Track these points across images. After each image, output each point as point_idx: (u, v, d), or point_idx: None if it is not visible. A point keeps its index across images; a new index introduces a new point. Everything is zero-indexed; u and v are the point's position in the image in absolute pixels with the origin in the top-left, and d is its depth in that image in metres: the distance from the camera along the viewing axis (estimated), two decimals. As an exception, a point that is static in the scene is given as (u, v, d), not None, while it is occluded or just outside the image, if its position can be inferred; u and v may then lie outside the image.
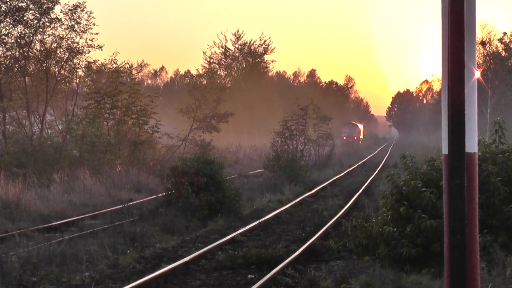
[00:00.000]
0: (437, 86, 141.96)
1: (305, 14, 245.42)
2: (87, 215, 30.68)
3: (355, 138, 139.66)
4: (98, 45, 49.71)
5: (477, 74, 4.11)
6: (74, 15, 48.27)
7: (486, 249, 16.09)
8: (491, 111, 53.05)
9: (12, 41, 47.44)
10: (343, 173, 57.35)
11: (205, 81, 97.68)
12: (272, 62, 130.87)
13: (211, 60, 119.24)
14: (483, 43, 78.29)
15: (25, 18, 47.30)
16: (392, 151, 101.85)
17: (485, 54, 78.29)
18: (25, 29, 47.52)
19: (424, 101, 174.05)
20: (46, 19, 47.73)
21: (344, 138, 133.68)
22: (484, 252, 15.75)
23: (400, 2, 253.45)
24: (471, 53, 4.11)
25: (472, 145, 4.08)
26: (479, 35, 76.29)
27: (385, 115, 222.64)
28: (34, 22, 47.58)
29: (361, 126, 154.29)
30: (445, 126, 4.10)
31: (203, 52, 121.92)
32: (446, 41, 4.11)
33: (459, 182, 4.04)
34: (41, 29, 47.83)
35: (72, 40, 48.65)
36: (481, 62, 74.76)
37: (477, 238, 4.15)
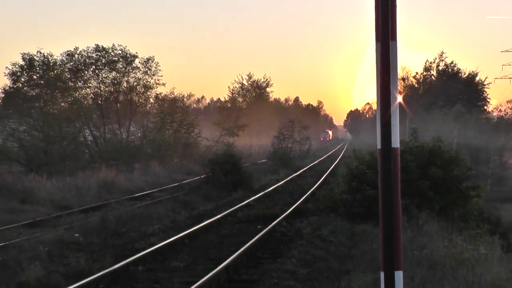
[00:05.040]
0: (374, 106, 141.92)
1: (292, 58, 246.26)
2: (156, 189, 30.82)
3: (328, 139, 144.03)
4: (163, 83, 50.01)
5: (399, 98, 4.11)
6: (147, 64, 48.49)
7: (406, 208, 16.10)
8: (409, 121, 53.01)
9: (109, 81, 47.70)
10: (316, 162, 57.33)
11: (229, 104, 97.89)
12: (271, 92, 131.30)
13: (233, 91, 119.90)
14: (403, 79, 78.30)
15: (116, 67, 47.51)
16: (347, 147, 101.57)
17: (404, 86, 78.23)
18: (117, 74, 47.72)
19: (367, 116, 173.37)
20: (130, 67, 47.93)
21: (322, 139, 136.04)
22: (405, 210, 15.74)
23: (347, 56, 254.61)
24: (394, 85, 4.10)
25: (395, 143, 4.08)
26: (400, 73, 76.73)
27: (343, 124, 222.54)
28: (122, 69, 47.76)
29: (330, 132, 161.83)
30: (379, 131, 4.09)
31: (228, 87, 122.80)
32: (379, 76, 4.11)
33: (388, 166, 4.03)
34: (127, 74, 48.02)
35: (146, 80, 48.86)
36: (402, 90, 74.72)
37: (399, 201, 4.14)
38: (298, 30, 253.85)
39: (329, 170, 41.98)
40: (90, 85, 47.47)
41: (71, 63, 46.49)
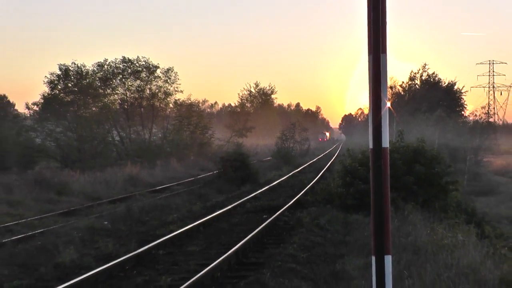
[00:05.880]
0: (366, 111, 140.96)
1: (295, 69, 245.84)
2: (175, 183, 30.84)
3: (325, 140, 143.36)
4: (181, 90, 50.09)
5: (388, 104, 4.10)
6: (167, 74, 48.53)
7: (393, 201, 16.05)
8: (396, 125, 52.90)
9: (134, 89, 47.80)
10: (315, 159, 57.16)
11: (239, 109, 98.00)
12: (275, 98, 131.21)
13: (242, 98, 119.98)
14: (391, 87, 78.17)
15: (141, 76, 47.62)
16: (342, 147, 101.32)
17: (392, 93, 78.05)
18: (141, 82, 47.80)
19: (359, 119, 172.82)
20: (152, 77, 48.02)
21: (320, 140, 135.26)
22: (392, 202, 15.71)
23: (341, 66, 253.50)
24: (384, 93, 4.10)
25: (385, 143, 4.06)
26: (389, 82, 76.59)
27: (338, 127, 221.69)
28: (146, 78, 47.85)
29: (327, 134, 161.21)
30: (371, 133, 4.08)
31: (238, 94, 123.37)
32: (371, 85, 4.11)
33: (379, 163, 4.02)
34: (149, 82, 48.10)
35: (166, 88, 48.91)
36: (390, 97, 74.62)
37: (388, 194, 4.13)
38: (300, 44, 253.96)
39: (326, 167, 41.88)
40: (118, 92, 47.73)
41: (101, 73, 46.69)
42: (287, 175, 34.42)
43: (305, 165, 45.57)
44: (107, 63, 46.68)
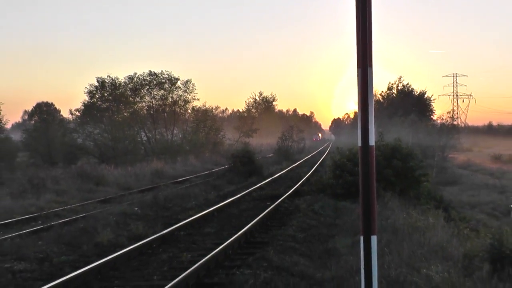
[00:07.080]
0: (351, 115, 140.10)
1: (292, 79, 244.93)
2: (193, 175, 30.76)
3: (318, 139, 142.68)
4: (197, 98, 50.13)
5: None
6: (186, 85, 48.54)
7: (376, 190, 16.00)
8: (376, 127, 52.72)
9: (158, 97, 47.82)
10: (309, 156, 57.05)
11: (246, 114, 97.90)
12: (276, 105, 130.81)
13: (248, 105, 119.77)
14: (372, 96, 77.88)
15: (164, 86, 47.61)
16: (332, 145, 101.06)
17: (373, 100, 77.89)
18: (164, 92, 47.82)
19: (346, 122, 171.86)
20: (174, 87, 48.00)
21: (314, 139, 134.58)
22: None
23: (330, 77, 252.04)
24: (371, 100, 4.10)
25: (371, 141, 4.06)
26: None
27: (328, 129, 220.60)
28: (168, 88, 47.85)
29: (320, 134, 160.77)
30: (360, 133, 4.08)
31: (245, 101, 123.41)
32: (360, 93, 4.11)
33: (366, 159, 4.01)
34: (171, 92, 48.10)
35: (185, 96, 48.92)
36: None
37: (374, 184, 4.11)
38: (297, 58, 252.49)
39: (319, 162, 41.79)
40: (145, 100, 47.76)
41: (132, 84, 46.81)
42: (287, 169, 34.32)
43: (301, 161, 45.47)
44: (136, 76, 46.85)
